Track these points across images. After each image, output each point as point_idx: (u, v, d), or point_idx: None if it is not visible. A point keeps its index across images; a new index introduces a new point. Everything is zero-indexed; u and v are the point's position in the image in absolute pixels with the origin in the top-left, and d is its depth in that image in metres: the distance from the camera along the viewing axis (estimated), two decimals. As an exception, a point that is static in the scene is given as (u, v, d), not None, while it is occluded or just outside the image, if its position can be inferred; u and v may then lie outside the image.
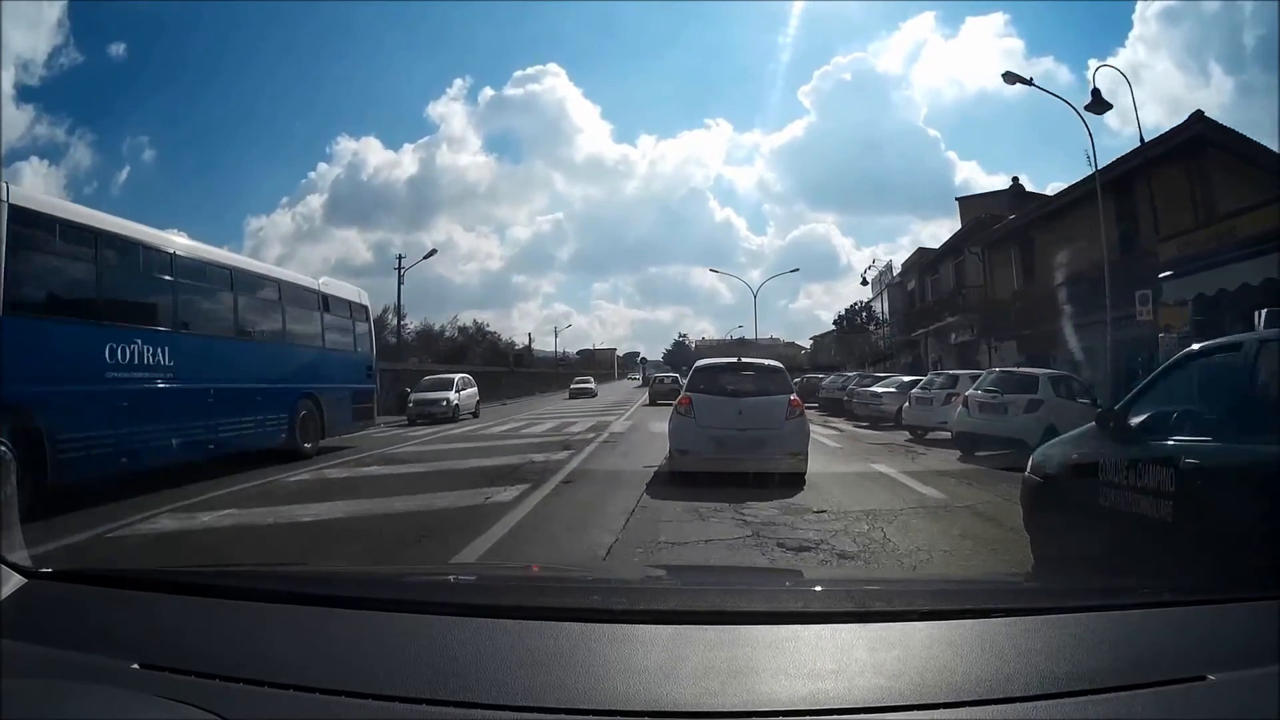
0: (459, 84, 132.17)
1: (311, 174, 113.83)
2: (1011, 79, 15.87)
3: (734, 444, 7.43)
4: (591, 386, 42.66)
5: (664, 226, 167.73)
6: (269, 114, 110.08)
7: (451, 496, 6.92)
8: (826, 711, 0.84)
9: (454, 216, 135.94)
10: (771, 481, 6.87)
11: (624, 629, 1.04)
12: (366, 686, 0.88)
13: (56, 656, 0.98)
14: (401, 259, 36.09)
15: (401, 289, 36.45)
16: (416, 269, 43.65)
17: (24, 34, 68.08)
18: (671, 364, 67.48)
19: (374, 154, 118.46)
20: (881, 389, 17.69)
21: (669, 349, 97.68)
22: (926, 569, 4.25)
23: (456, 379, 22.93)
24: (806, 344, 73.62)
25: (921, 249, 34.19)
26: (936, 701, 0.85)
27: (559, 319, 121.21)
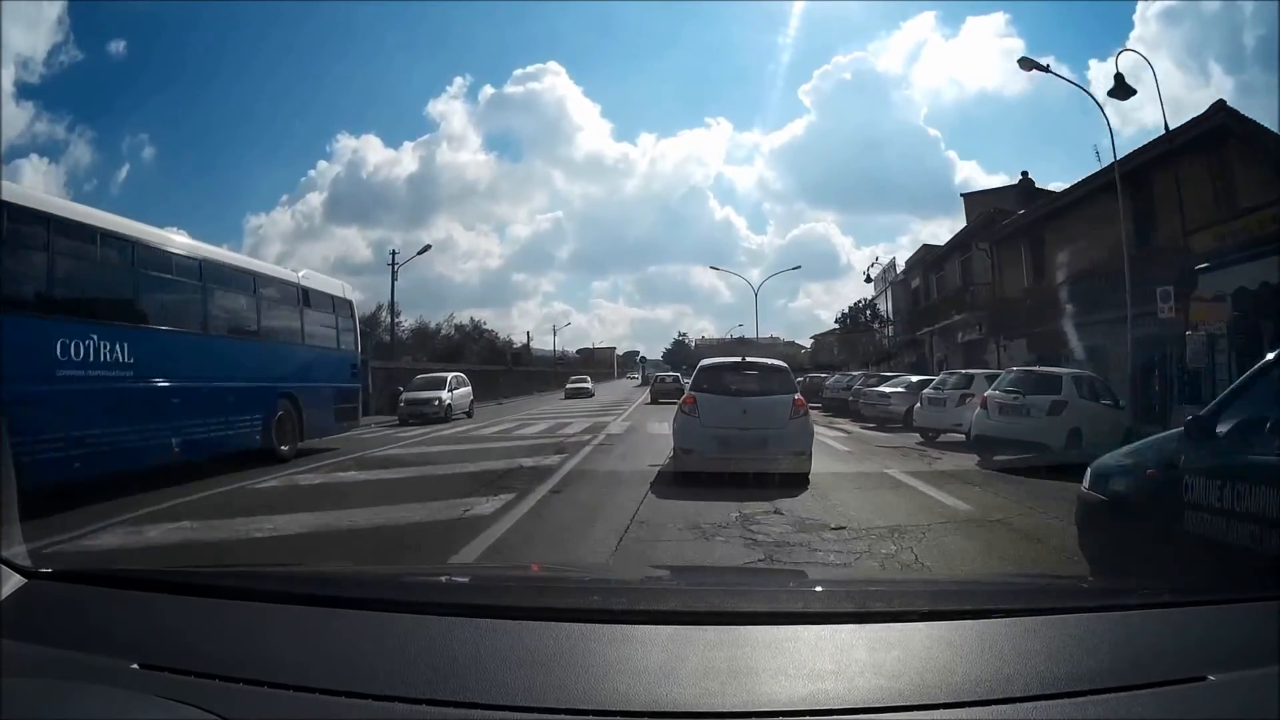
0: (459, 82, 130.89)
1: (311, 172, 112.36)
2: (1028, 65, 15.66)
3: (738, 443, 7.39)
4: (588, 386, 41.39)
5: (664, 225, 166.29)
6: (269, 112, 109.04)
7: (425, 510, 6.29)
8: (826, 712, 0.83)
9: (454, 215, 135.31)
10: (780, 491, 6.53)
11: (624, 629, 1.03)
12: (366, 686, 0.87)
13: (56, 656, 0.98)
14: (395, 255, 34.95)
15: (396, 285, 35.21)
16: (418, 268, 43.30)
17: (24, 32, 67.67)
18: (671, 363, 67.12)
19: (374, 152, 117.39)
20: (890, 389, 17.08)
21: (668, 348, 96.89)
22: None
23: (450, 378, 22.55)
24: (807, 343, 72.85)
25: (926, 246, 33.48)
26: (936, 702, 0.83)
27: (558, 318, 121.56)
